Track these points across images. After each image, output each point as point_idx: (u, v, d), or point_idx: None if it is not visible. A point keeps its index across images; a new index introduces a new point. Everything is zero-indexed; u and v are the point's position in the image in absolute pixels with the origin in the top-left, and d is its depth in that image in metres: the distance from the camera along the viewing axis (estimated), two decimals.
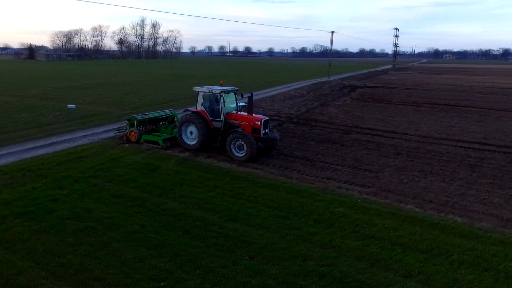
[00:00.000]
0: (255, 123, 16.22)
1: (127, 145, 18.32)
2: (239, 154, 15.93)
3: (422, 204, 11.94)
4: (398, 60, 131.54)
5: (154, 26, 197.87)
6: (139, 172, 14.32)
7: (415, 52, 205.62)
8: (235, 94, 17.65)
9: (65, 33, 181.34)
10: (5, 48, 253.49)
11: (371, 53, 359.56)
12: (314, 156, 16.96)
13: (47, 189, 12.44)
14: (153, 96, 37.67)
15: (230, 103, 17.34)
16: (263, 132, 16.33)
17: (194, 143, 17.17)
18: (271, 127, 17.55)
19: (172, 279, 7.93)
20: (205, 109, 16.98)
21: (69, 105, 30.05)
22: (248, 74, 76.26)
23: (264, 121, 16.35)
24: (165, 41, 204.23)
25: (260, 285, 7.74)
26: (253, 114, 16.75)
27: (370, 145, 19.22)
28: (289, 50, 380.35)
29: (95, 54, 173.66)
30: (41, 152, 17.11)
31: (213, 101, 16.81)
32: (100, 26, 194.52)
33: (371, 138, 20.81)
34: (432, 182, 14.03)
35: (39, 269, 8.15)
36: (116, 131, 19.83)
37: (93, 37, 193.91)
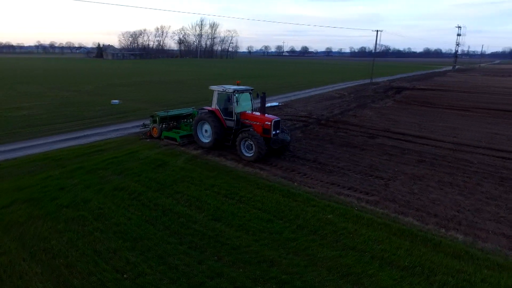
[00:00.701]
0: (265, 124, 16.08)
1: (148, 140, 19.13)
2: (248, 154, 15.89)
3: (424, 217, 11.02)
4: (465, 61, 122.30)
5: (212, 26, 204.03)
6: (147, 166, 14.87)
7: (488, 52, 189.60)
8: (250, 93, 17.59)
9: (131, 33, 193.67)
10: (79, 47, 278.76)
11: (436, 53, 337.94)
12: (326, 160, 16.38)
13: (60, 178, 13.40)
14: (195, 94, 38.83)
15: (244, 102, 17.33)
16: (274, 133, 16.12)
17: (208, 141, 17.45)
18: (284, 128, 17.24)
19: (135, 272, 8.16)
20: (219, 108, 17.16)
21: (113, 101, 32.05)
22: (294, 74, 75.66)
23: (275, 121, 16.13)
24: (222, 40, 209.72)
25: (214, 287, 7.69)
26: (266, 115, 16.60)
27: (394, 151, 18.11)
28: (347, 50, 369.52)
29: (156, 53, 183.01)
30: (72, 143, 18.46)
31: (227, 100, 16.92)
32: (162, 27, 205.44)
33: (399, 144, 19.60)
34: (446, 194, 12.88)
35: (23, 251, 8.82)
36: (141, 127, 20.80)
37: (156, 37, 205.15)
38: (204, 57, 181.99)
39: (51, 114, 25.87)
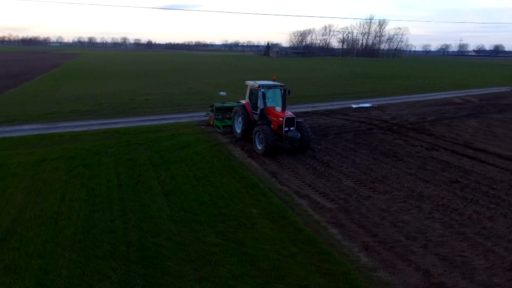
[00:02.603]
0: (279, 120, 16.37)
1: (202, 126, 21.78)
2: (259, 147, 16.54)
3: (356, 234, 9.88)
4: None
5: (381, 24, 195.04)
6: (172, 147, 17.36)
7: None
8: (280, 90, 17.95)
9: (300, 32, 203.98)
10: (258, 46, 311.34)
11: None
12: (337, 164, 15.50)
13: (105, 146, 17.25)
14: (302, 91, 39.94)
15: (274, 98, 17.87)
16: (285, 129, 16.23)
17: (239, 132, 18.79)
18: (305, 126, 16.93)
19: (64, 216, 10.47)
20: (250, 102, 18.22)
21: (221, 93, 36.25)
22: (440, 76, 66.49)
23: (287, 118, 16.19)
24: (390, 39, 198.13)
25: (97, 239, 9.41)
26: (286, 112, 16.78)
27: (435, 166, 15.45)
28: None
29: (319, 51, 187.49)
30: (148, 123, 22.71)
31: (255, 95, 17.83)
32: (329, 25, 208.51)
33: (456, 160, 16.41)
34: (426, 219, 10.82)
35: (27, 189, 12.38)
36: (206, 115, 23.62)
37: (322, 35, 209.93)
38: (367, 56, 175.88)
39: (164, 100, 31.60)
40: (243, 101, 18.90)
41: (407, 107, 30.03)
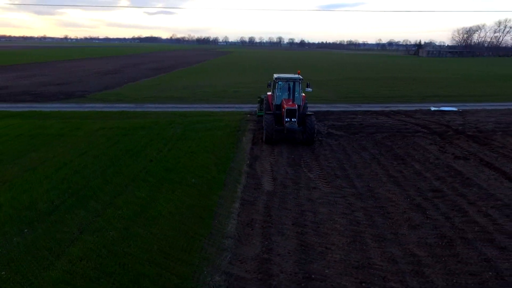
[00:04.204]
0: (282, 110, 17.19)
1: (248, 115, 23.92)
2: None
3: (253, 213, 10.58)
4: None
5: None
6: (201, 129, 20.02)
7: None
8: (298, 83, 18.50)
9: (466, 29, 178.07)
10: (414, 45, 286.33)
11: None
12: (326, 158, 15.48)
13: (153, 123, 21.17)
14: (394, 91, 37.46)
15: (290, 90, 18.64)
16: (286, 120, 16.92)
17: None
18: (313, 119, 17.14)
19: (70, 163, 14.32)
20: (272, 93, 19.41)
21: (307, 89, 37.08)
22: None
23: (288, 109, 16.82)
24: None
25: (68, 179, 12.81)
26: (294, 103, 17.46)
27: (436, 175, 13.73)
28: None
29: (484, 51, 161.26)
30: (210, 109, 26.14)
31: (273, 86, 18.93)
32: (504, 20, 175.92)
33: (473, 173, 14.03)
34: (340, 214, 10.54)
35: (78, 145, 17.02)
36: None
37: (494, 32, 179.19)
38: None
39: (248, 93, 34.53)
40: (269, 93, 20.15)
41: (501, 115, 25.18)
